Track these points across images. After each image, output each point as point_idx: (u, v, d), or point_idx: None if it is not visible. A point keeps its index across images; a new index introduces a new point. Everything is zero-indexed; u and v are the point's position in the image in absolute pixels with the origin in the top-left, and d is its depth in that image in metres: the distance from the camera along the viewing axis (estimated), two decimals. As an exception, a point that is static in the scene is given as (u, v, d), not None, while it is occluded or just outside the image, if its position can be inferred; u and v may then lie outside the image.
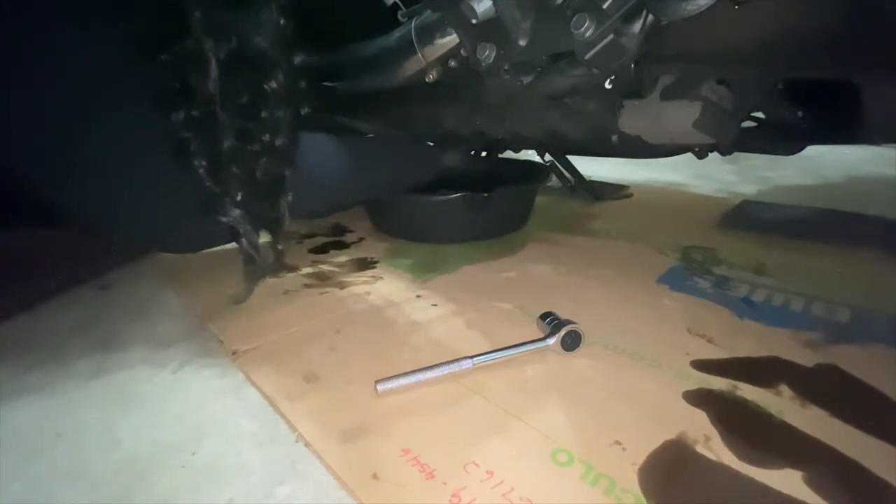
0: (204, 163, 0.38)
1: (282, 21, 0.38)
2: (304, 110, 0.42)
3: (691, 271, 0.56)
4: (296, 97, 0.41)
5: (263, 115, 0.39)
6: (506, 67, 0.39)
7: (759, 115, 0.52)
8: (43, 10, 0.35)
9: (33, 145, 0.38)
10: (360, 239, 0.73)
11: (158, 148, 0.39)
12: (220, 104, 0.36)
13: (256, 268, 0.44)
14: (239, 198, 0.39)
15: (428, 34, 0.45)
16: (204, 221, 0.44)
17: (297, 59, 0.40)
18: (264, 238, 0.44)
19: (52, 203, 0.43)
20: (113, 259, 0.65)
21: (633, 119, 0.50)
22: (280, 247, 0.45)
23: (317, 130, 0.59)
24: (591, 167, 1.00)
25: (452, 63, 0.47)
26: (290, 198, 0.42)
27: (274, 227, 0.43)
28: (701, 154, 0.60)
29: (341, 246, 0.71)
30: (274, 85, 0.38)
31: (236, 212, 0.39)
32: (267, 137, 0.39)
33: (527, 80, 0.40)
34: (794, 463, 0.29)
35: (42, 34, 0.35)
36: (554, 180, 0.87)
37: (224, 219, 0.39)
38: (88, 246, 0.62)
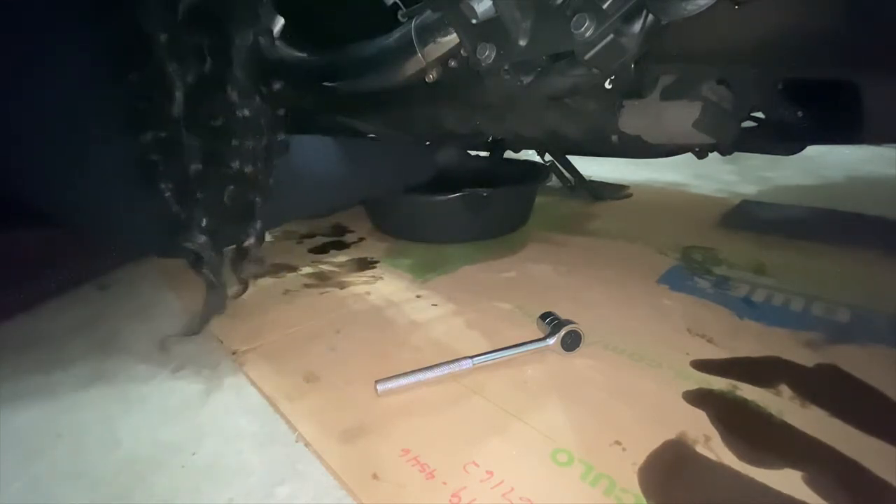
0: (170, 186, 0.37)
1: (260, 47, 0.37)
2: (281, 137, 0.41)
3: (691, 271, 0.56)
4: (272, 124, 0.40)
5: (234, 142, 0.38)
6: (506, 67, 0.39)
7: (759, 115, 0.52)
8: (32, 20, 0.35)
9: (27, 152, 0.37)
10: (360, 239, 0.73)
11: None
12: (186, 127, 0.35)
13: (217, 297, 0.43)
14: (204, 224, 0.38)
15: (428, 34, 0.45)
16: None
17: (276, 86, 0.39)
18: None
19: (48, 211, 0.43)
20: (113, 259, 0.65)
21: (633, 119, 0.50)
22: (244, 275, 0.43)
23: (316, 131, 0.59)
24: (591, 167, 1.00)
25: (452, 63, 0.47)
26: (258, 225, 0.41)
27: (239, 256, 0.42)
28: (701, 154, 0.60)
29: (341, 246, 0.71)
30: (246, 113, 0.37)
31: (202, 238, 0.38)
32: (236, 164, 0.38)
33: (527, 80, 0.40)
34: (794, 463, 0.29)
35: (33, 42, 0.35)
36: (554, 180, 0.87)
37: (188, 245, 0.38)
38: (88, 246, 0.62)
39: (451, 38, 0.43)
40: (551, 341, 0.40)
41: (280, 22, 0.51)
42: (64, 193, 0.40)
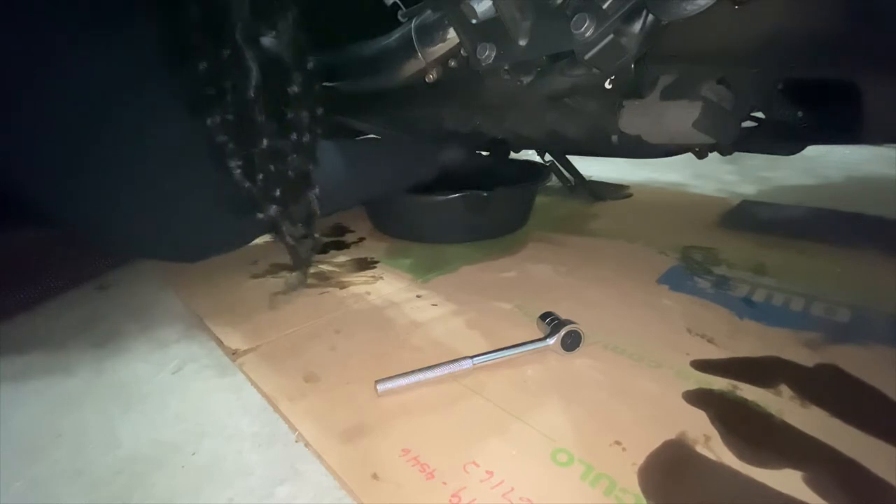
0: (239, 163, 0.39)
1: (296, 29, 0.40)
2: (319, 111, 0.44)
3: (691, 271, 0.56)
4: (313, 99, 0.43)
5: (290, 116, 0.41)
6: (506, 67, 0.39)
7: (759, 115, 0.52)
8: (54, 19, 0.36)
9: (34, 156, 0.38)
10: (360, 239, 0.73)
11: (163, 158, 0.40)
12: (260, 107, 0.38)
13: (301, 257, 0.47)
14: (277, 194, 0.41)
15: (428, 34, 0.45)
16: (207, 229, 0.45)
17: (310, 65, 0.42)
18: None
19: (49, 214, 0.44)
20: (113, 259, 0.65)
21: (633, 119, 0.50)
22: (317, 235, 0.47)
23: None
24: (591, 167, 1.00)
25: (452, 63, 0.47)
26: (317, 191, 0.44)
27: (308, 219, 0.45)
28: (701, 154, 0.60)
29: (341, 246, 0.71)
30: (296, 89, 0.41)
31: (273, 208, 0.41)
32: (294, 136, 0.42)
33: (527, 80, 0.40)
34: (794, 463, 0.29)
35: (47, 43, 0.36)
36: (554, 180, 0.87)
37: (261, 215, 0.41)
38: (88, 246, 0.62)
39: (451, 39, 0.43)
40: (551, 341, 0.40)
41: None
42: (88, 199, 0.40)
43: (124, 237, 0.45)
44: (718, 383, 0.36)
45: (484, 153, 0.85)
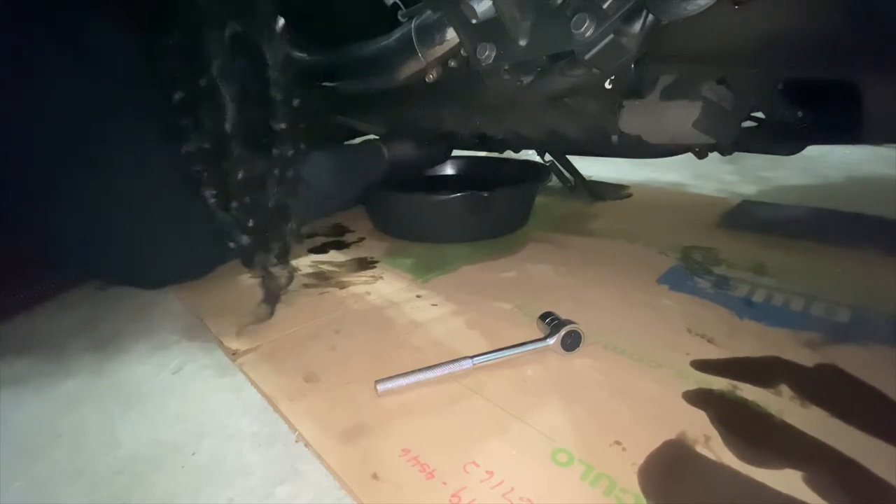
0: (213, 193, 0.40)
1: (282, 69, 0.41)
2: (303, 147, 0.45)
3: (691, 271, 0.56)
4: (298, 136, 0.44)
5: (275, 152, 0.42)
6: (506, 67, 0.39)
7: (759, 115, 0.52)
8: (25, 47, 0.36)
9: (13, 188, 0.38)
10: (360, 239, 0.73)
11: (140, 186, 0.41)
12: (236, 140, 0.39)
13: (273, 287, 0.47)
14: (250, 224, 0.42)
15: (428, 34, 0.45)
16: (176, 254, 0.46)
17: (296, 102, 0.43)
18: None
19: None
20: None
21: (633, 119, 0.50)
22: (292, 265, 0.47)
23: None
24: (591, 167, 1.00)
25: (452, 63, 0.47)
26: (293, 225, 0.45)
27: (281, 251, 0.46)
28: (701, 154, 0.60)
29: (341, 246, 0.71)
30: (282, 125, 0.42)
31: (246, 238, 0.42)
32: (277, 171, 0.42)
33: (527, 80, 0.40)
34: (794, 463, 0.29)
35: (15, 70, 0.36)
36: (554, 180, 0.87)
37: (233, 244, 0.42)
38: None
39: (451, 39, 0.43)
40: (551, 341, 0.40)
41: (280, 22, 0.51)
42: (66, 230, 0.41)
43: (87, 265, 0.46)
44: (718, 383, 0.36)
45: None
